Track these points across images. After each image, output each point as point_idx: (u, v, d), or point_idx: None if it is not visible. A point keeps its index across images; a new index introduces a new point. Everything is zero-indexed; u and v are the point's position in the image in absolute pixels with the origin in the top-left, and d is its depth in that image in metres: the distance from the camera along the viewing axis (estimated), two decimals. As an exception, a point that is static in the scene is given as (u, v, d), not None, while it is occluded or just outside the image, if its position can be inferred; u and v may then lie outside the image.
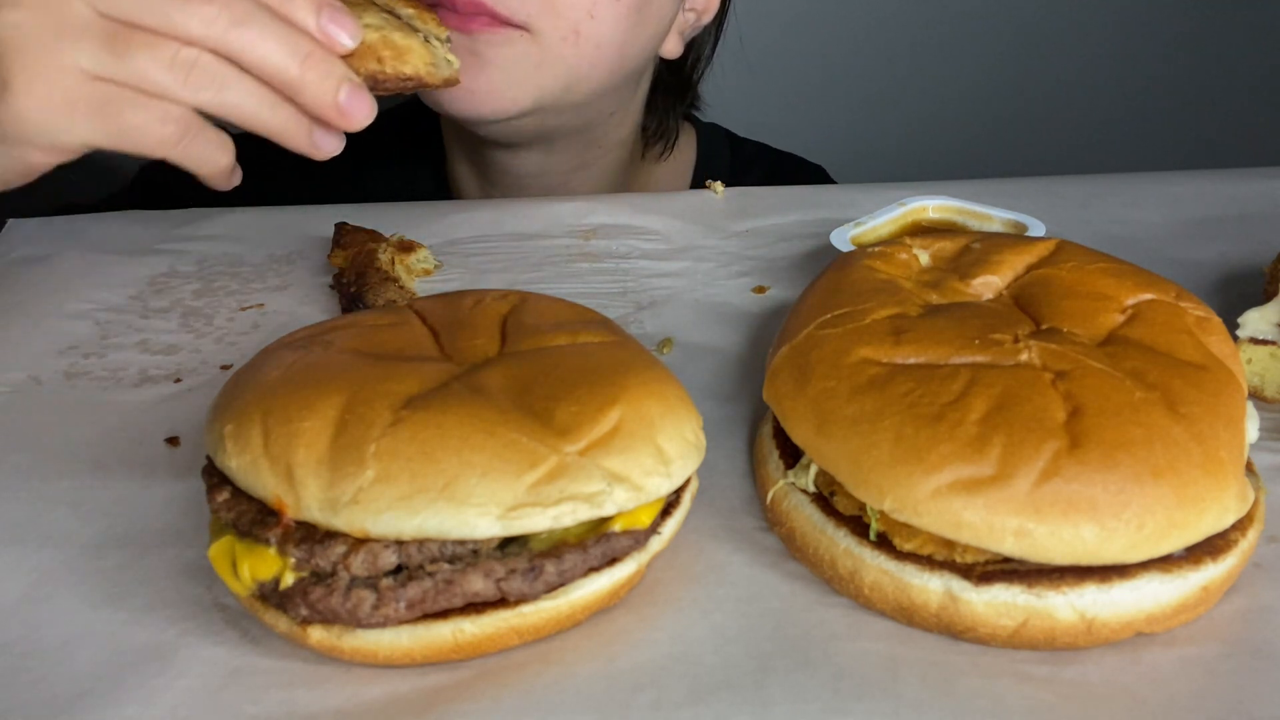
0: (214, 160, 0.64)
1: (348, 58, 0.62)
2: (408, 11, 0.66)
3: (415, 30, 0.65)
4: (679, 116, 1.13)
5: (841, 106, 1.86)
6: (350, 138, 0.81)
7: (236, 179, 0.67)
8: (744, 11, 1.12)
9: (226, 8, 0.58)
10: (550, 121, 0.95)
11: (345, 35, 0.61)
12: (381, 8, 0.65)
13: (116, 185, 1.12)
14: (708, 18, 1.04)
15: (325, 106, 0.61)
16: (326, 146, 0.64)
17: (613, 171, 1.09)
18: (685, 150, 1.17)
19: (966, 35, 1.86)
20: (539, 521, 0.44)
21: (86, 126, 0.61)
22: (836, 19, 1.81)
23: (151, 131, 0.61)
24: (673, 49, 1.01)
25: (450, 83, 0.65)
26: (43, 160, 0.64)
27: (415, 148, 1.14)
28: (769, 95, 1.75)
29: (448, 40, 0.67)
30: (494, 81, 0.88)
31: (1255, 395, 0.64)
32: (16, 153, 0.63)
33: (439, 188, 1.14)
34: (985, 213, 0.79)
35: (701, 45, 1.10)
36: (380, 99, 0.70)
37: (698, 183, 1.15)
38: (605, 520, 0.47)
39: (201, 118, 0.61)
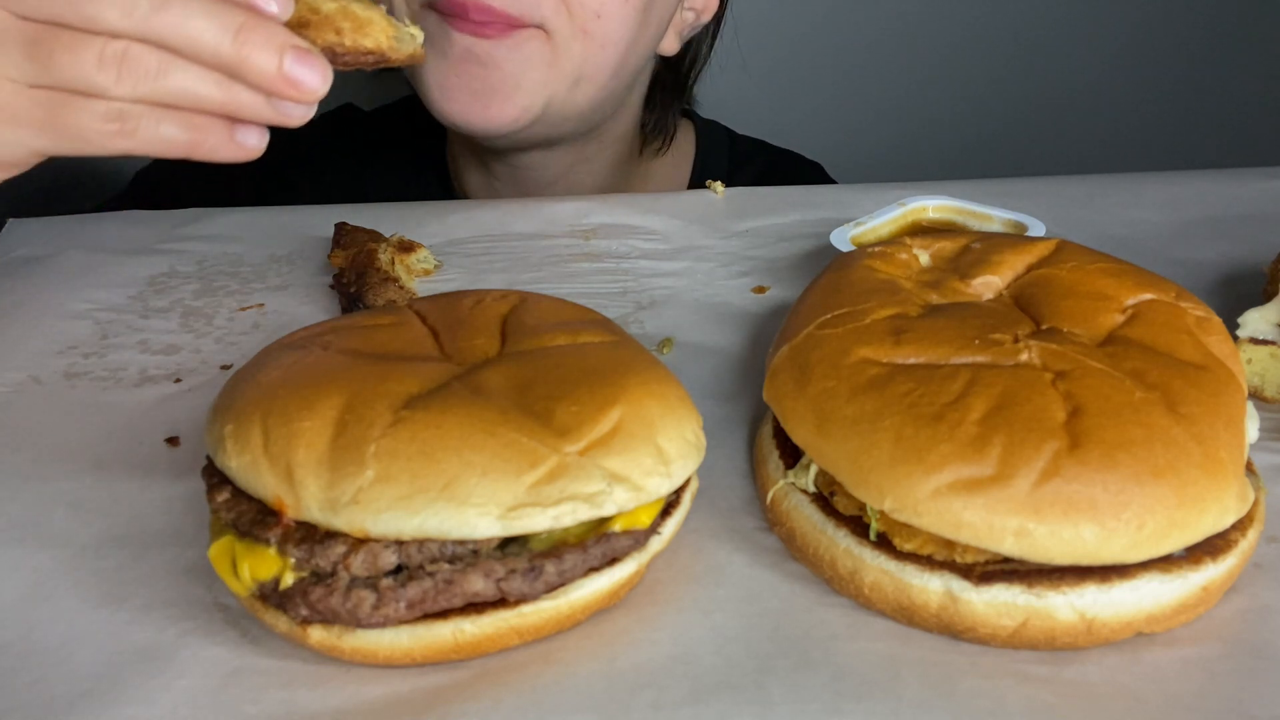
0: (173, 141, 0.59)
1: (304, 29, 0.58)
2: None
3: (378, 4, 0.61)
4: (677, 114, 1.14)
5: (842, 106, 1.86)
6: (355, 140, 0.81)
7: (253, 145, 0.61)
8: (745, 11, 1.13)
9: None
10: (556, 130, 0.96)
11: (273, 2, 0.56)
12: None
13: (120, 186, 1.12)
14: (706, 17, 1.05)
15: (271, 78, 0.57)
16: (293, 114, 0.59)
17: (612, 165, 1.10)
18: (685, 146, 1.17)
19: (967, 35, 1.86)
20: (539, 521, 0.44)
21: (31, 137, 0.58)
22: (837, 19, 1.81)
23: (96, 131, 0.58)
24: (670, 46, 1.02)
25: (415, 59, 0.62)
26: None
27: (419, 147, 1.15)
28: (770, 95, 1.75)
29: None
30: (507, 88, 0.88)
31: (1255, 395, 0.64)
32: None
33: (443, 184, 1.14)
34: (985, 213, 0.79)
35: (699, 44, 1.11)
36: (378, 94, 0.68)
37: (697, 178, 1.15)
38: (605, 520, 0.47)
39: (147, 105, 0.57)
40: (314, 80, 0.58)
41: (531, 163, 1.04)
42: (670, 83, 1.11)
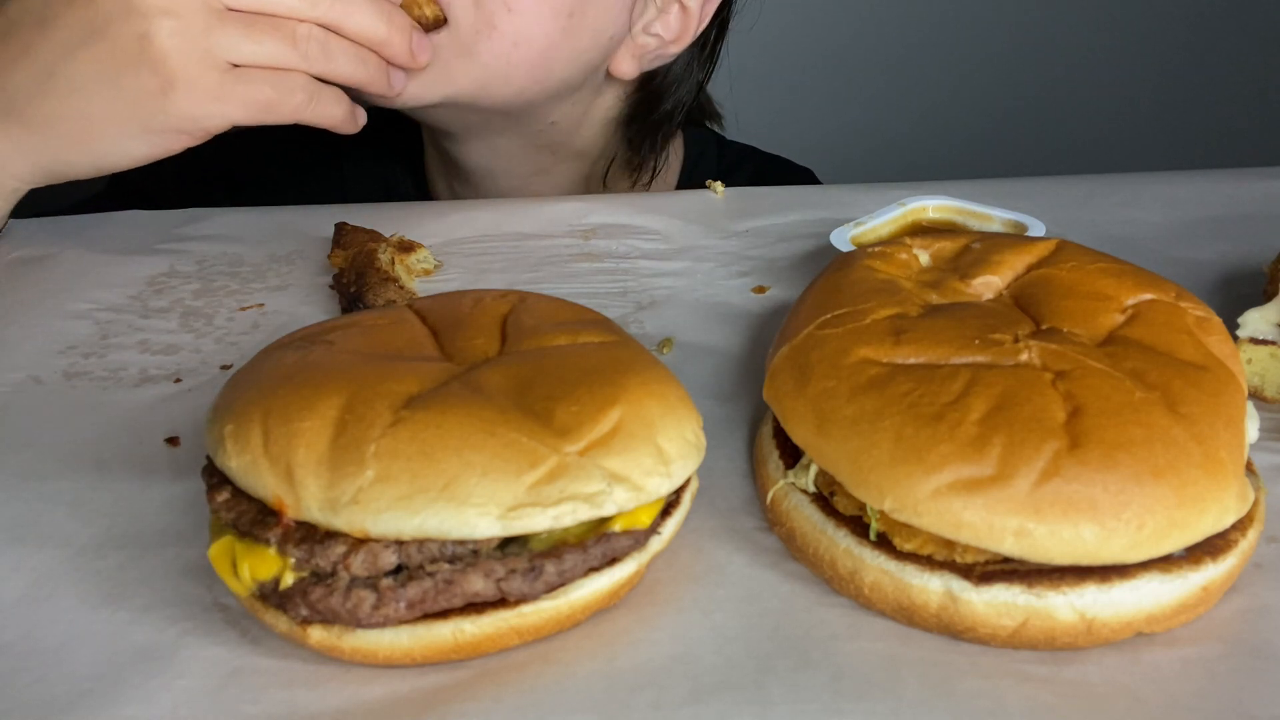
0: (334, 113, 0.75)
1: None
2: None
3: None
4: (658, 149, 1.06)
5: (842, 106, 1.86)
6: (331, 138, 0.83)
7: (361, 120, 0.79)
8: (745, 11, 1.11)
9: None
10: (472, 116, 0.93)
11: None
12: None
13: (98, 187, 1.11)
14: (676, 48, 0.97)
15: (403, 53, 0.76)
16: (400, 84, 0.78)
17: (578, 180, 1.06)
18: (672, 154, 1.12)
19: (967, 36, 1.86)
20: (539, 521, 0.44)
21: (232, 109, 0.71)
22: (836, 19, 1.81)
23: (284, 102, 0.72)
24: (626, 70, 0.96)
25: (440, 22, 0.82)
26: (186, 144, 0.74)
27: (396, 151, 1.14)
28: (769, 95, 1.75)
29: None
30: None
31: (1255, 395, 0.64)
32: (166, 140, 0.73)
33: (420, 189, 1.13)
34: (985, 213, 0.79)
35: (677, 75, 1.02)
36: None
37: (684, 187, 1.12)
38: (605, 520, 0.47)
39: (318, 83, 0.74)
40: (427, 53, 0.78)
41: (481, 163, 1.01)
42: (645, 115, 1.03)
